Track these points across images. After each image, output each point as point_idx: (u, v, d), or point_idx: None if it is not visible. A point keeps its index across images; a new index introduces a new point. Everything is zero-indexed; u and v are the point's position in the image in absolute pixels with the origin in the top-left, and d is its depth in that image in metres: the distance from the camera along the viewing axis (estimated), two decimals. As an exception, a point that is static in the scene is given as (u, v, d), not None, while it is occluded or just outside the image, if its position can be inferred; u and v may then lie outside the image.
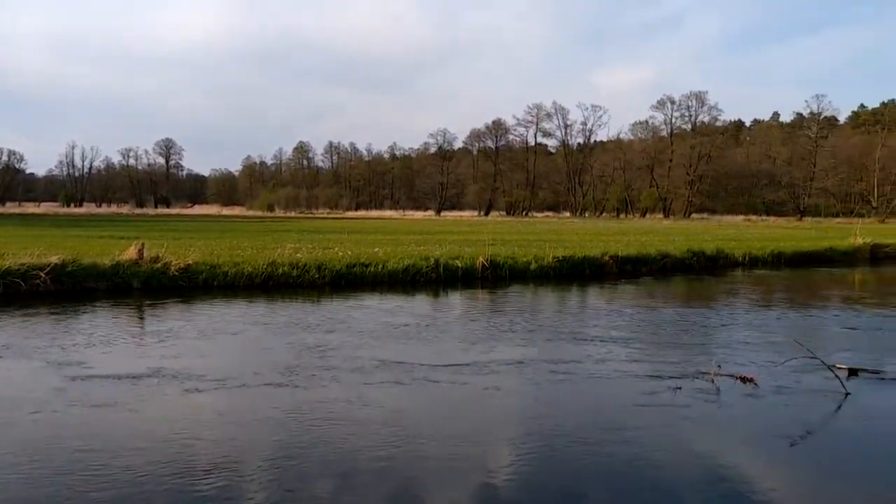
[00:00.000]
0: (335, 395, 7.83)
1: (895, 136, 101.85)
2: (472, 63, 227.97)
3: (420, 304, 16.03)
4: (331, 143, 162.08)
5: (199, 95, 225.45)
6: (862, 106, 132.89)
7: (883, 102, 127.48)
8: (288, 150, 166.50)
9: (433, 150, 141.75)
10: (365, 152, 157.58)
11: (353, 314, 13.70)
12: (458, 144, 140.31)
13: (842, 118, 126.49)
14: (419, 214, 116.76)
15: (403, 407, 7.54)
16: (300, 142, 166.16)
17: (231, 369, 8.92)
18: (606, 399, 7.93)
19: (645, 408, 7.52)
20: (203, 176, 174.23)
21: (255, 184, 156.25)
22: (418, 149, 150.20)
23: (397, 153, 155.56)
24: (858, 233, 35.33)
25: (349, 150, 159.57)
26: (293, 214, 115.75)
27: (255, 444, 6.31)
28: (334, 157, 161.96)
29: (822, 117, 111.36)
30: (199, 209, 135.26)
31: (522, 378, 8.78)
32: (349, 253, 21.17)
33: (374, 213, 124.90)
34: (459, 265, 20.23)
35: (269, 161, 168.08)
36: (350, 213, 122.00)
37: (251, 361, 9.49)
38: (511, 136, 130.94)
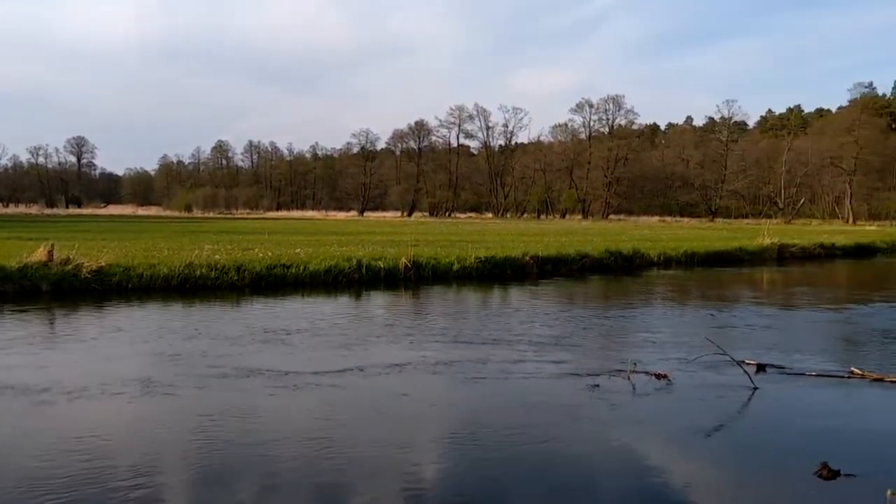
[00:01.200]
0: (235, 401, 7.70)
1: (800, 141, 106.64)
2: (395, 64, 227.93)
3: (341, 305, 15.92)
4: (251, 143, 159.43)
5: (113, 92, 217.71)
6: (770, 111, 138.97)
7: (789, 108, 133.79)
8: (206, 150, 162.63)
9: (356, 150, 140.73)
10: (286, 152, 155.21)
11: (269, 317, 13.50)
12: (380, 145, 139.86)
13: (751, 123, 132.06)
14: (342, 215, 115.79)
15: (317, 411, 7.45)
16: (219, 141, 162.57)
17: (122, 377, 8.54)
18: (524, 398, 8.00)
19: (563, 406, 7.65)
20: (117, 175, 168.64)
21: (172, 183, 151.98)
22: (341, 149, 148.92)
23: (319, 153, 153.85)
24: (766, 233, 36.73)
25: (269, 149, 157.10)
26: (212, 215, 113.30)
27: (141, 456, 6.13)
28: (254, 157, 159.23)
29: (732, 122, 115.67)
30: (113, 209, 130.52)
31: (441, 379, 8.81)
32: (269, 254, 20.82)
33: (296, 213, 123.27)
34: (382, 266, 20.18)
35: (186, 160, 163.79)
36: (271, 214, 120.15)
37: (145, 369, 9.12)
38: (434, 138, 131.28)
